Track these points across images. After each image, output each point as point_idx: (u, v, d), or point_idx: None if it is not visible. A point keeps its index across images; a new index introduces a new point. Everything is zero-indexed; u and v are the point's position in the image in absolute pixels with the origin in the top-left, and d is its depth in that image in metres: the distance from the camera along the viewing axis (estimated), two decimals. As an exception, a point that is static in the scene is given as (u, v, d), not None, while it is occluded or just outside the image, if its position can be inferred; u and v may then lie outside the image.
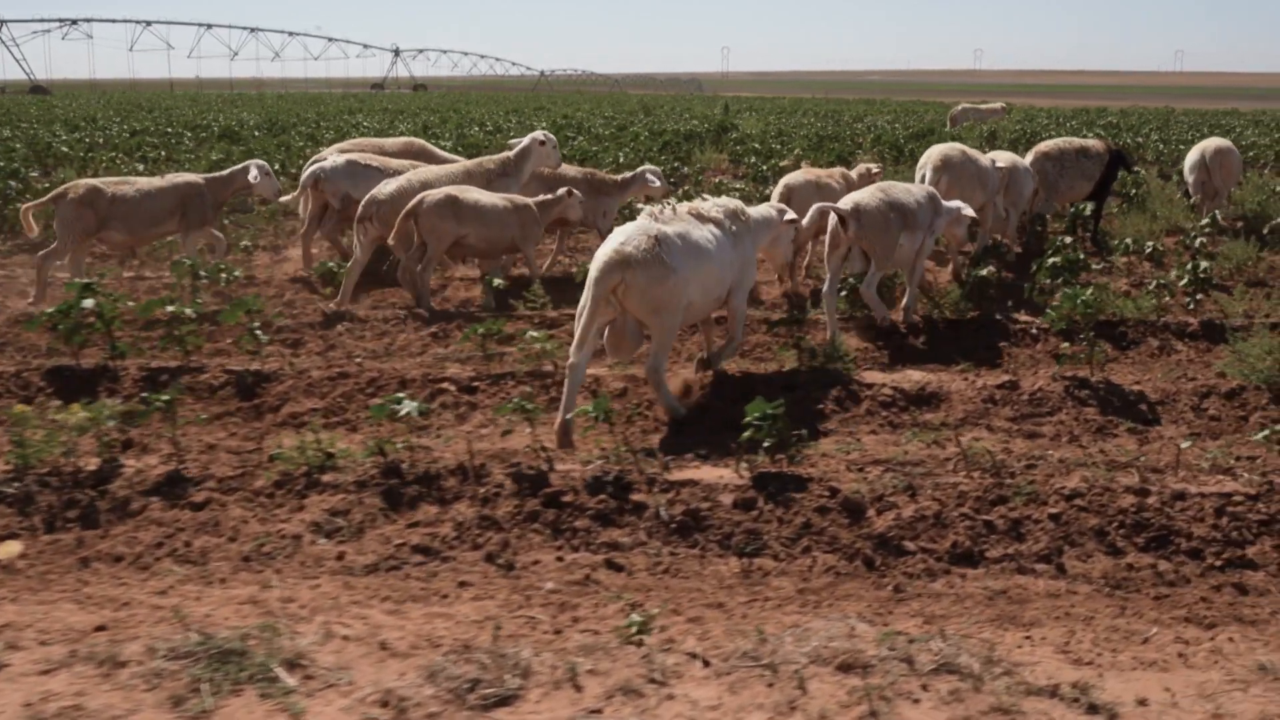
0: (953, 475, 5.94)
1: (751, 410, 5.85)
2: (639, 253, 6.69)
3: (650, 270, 6.69)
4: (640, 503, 5.60)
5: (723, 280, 7.31)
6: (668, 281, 6.72)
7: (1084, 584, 5.04)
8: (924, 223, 9.17)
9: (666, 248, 6.77)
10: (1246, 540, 5.30)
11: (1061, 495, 5.60)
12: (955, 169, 11.73)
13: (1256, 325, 8.31)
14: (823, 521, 5.46)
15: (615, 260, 6.71)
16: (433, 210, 9.98)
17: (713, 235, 7.22)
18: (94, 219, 10.21)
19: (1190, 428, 6.99)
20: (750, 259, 7.70)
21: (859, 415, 7.16)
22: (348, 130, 29.25)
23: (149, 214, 10.49)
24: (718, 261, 7.19)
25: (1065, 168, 13.60)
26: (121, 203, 10.31)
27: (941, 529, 5.39)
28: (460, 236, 9.99)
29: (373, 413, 6.08)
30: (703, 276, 7.04)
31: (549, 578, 5.08)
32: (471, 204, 10.02)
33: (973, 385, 7.47)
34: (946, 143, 13.16)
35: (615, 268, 6.70)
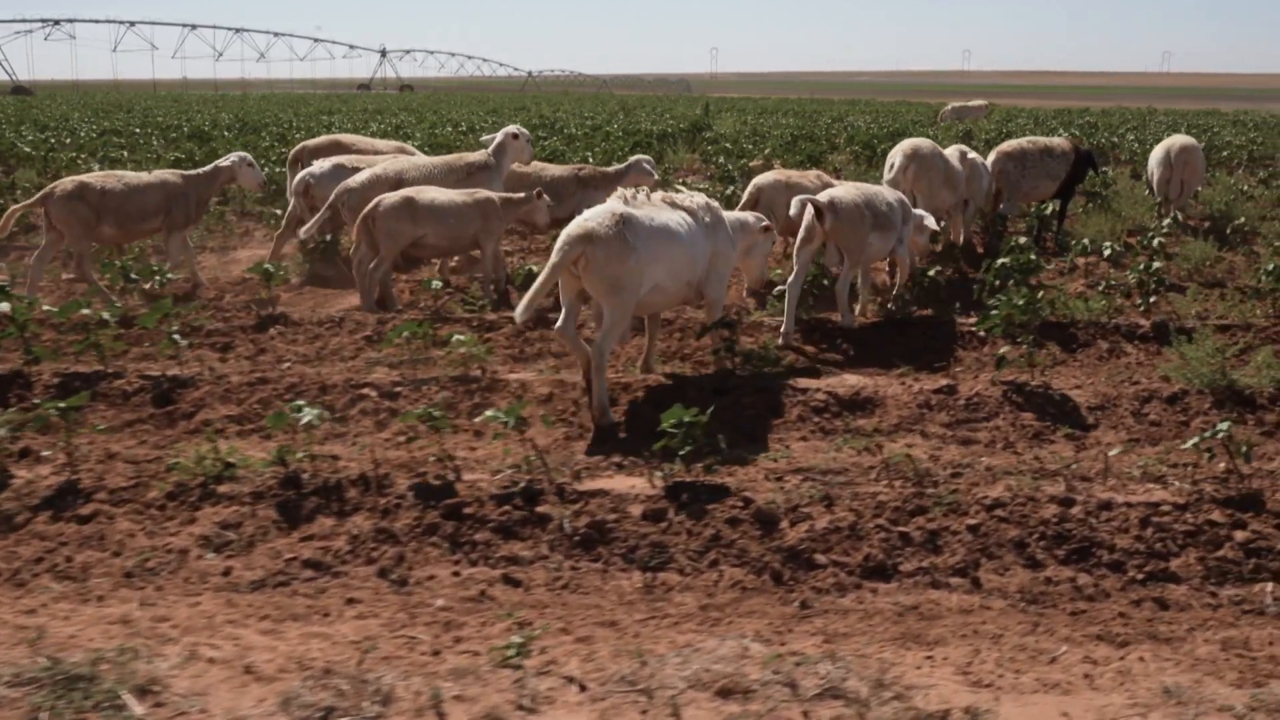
0: (874, 484, 5.73)
1: (667, 418, 5.64)
2: (602, 229, 6.73)
3: (611, 247, 6.71)
4: (545, 514, 5.38)
5: (694, 265, 7.31)
6: (628, 260, 6.74)
7: (999, 599, 4.83)
8: (895, 225, 9.18)
9: (631, 227, 6.81)
10: (1171, 552, 5.10)
11: (983, 505, 5.39)
12: (923, 160, 11.67)
13: (1199, 327, 8.11)
14: (733, 533, 5.24)
15: (579, 234, 6.75)
16: (389, 213, 9.80)
17: (684, 221, 7.27)
18: (90, 213, 10.13)
19: (1129, 433, 6.79)
20: (725, 252, 7.66)
21: (790, 421, 6.94)
22: (317, 130, 28.94)
23: (139, 208, 10.42)
24: (687, 246, 7.21)
25: (1027, 167, 13.43)
26: (111, 197, 10.24)
27: (856, 541, 5.18)
28: (419, 237, 9.83)
29: (270, 422, 5.84)
30: (670, 259, 7.07)
31: (442, 594, 4.86)
32: (428, 204, 9.83)
33: (909, 390, 7.26)
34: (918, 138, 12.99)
35: (578, 241, 6.73)
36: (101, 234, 10.40)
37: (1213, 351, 7.22)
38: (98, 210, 10.15)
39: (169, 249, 10.79)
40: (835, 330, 9.01)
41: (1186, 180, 14.31)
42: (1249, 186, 17.02)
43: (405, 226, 9.76)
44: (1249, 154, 23.52)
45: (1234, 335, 8.77)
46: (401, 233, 9.78)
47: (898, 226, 9.22)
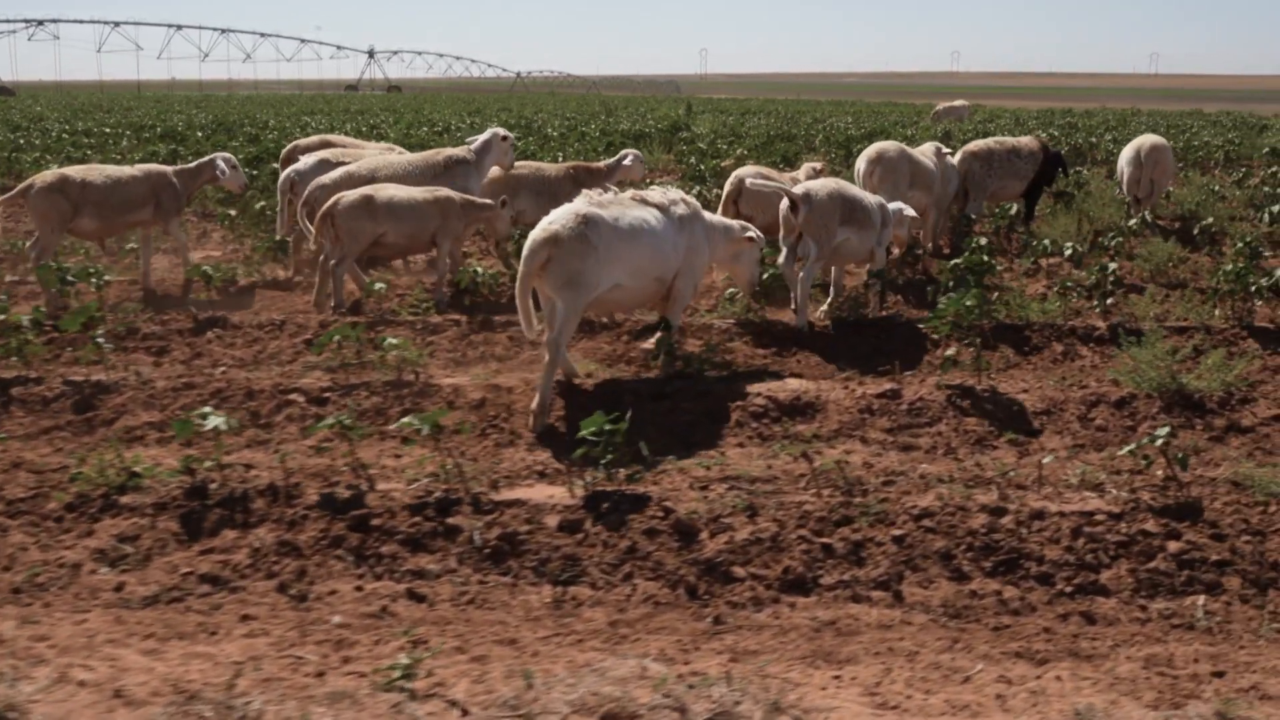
0: (802, 493, 5.54)
1: (587, 426, 5.44)
2: (565, 230, 6.79)
3: (572, 246, 6.77)
4: (456, 526, 5.18)
5: (662, 261, 7.31)
6: (588, 259, 6.80)
7: (920, 613, 4.65)
8: (874, 224, 9.15)
9: (593, 226, 6.85)
10: (1101, 564, 4.92)
11: (911, 515, 5.21)
12: (888, 163, 11.62)
13: (1155, 329, 7.93)
14: (650, 545, 5.05)
15: (543, 238, 6.81)
16: (348, 211, 9.64)
17: (653, 218, 7.27)
18: (68, 206, 9.96)
19: (1075, 439, 6.61)
20: (700, 247, 7.65)
21: (728, 427, 6.75)
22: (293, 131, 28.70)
23: (121, 202, 10.27)
24: (655, 242, 7.21)
25: (994, 167, 13.30)
26: (92, 190, 10.09)
27: (777, 553, 4.99)
28: (379, 235, 9.67)
29: (175, 430, 5.63)
30: (634, 258, 7.09)
31: (342, 610, 4.66)
32: (386, 201, 9.66)
33: (852, 394, 7.08)
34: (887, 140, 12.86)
35: (543, 245, 6.79)
36: (81, 227, 10.30)
37: (1162, 355, 7.04)
38: (77, 204, 10.00)
39: (172, 236, 10.80)
40: (787, 332, 8.82)
41: (1157, 179, 14.15)
42: (1221, 186, 16.86)
43: (365, 224, 9.60)
44: (1225, 154, 23.39)
45: (1191, 337, 8.60)
46: (363, 231, 9.62)
47: (876, 227, 9.17)
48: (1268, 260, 10.66)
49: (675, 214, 7.45)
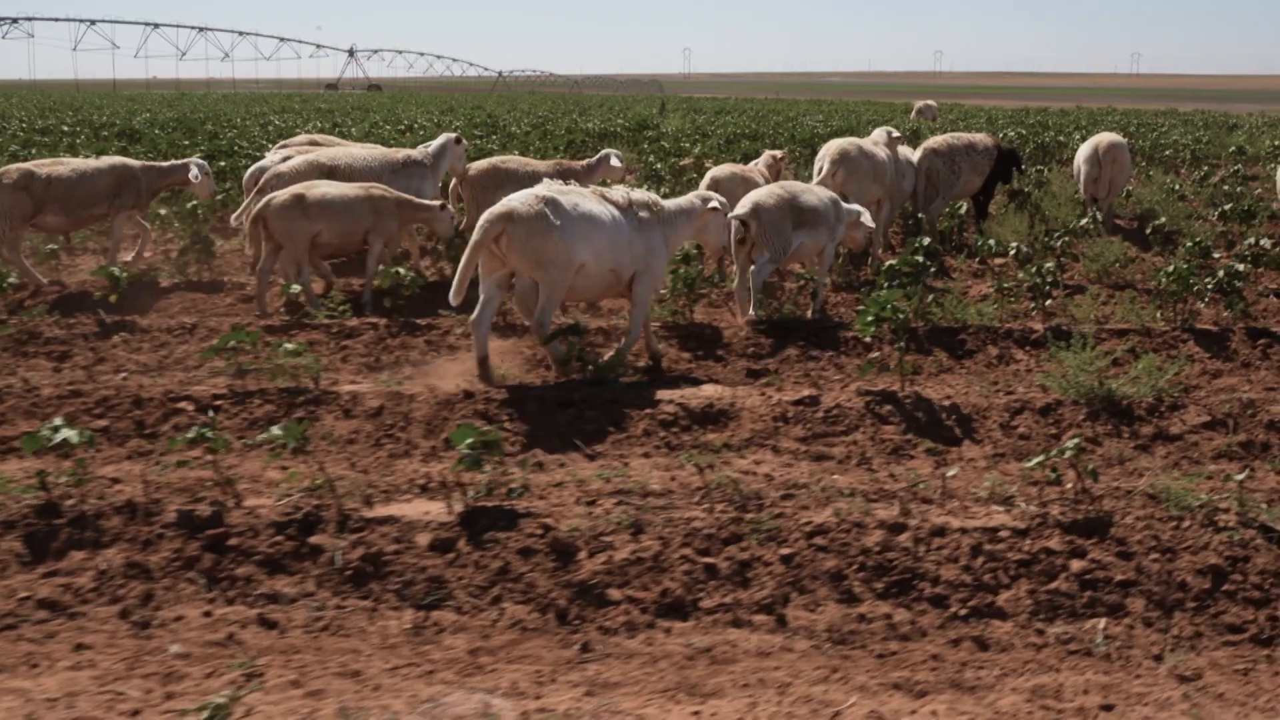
0: (693, 509, 5.24)
1: (459, 438, 5.12)
2: (523, 207, 6.96)
3: (532, 224, 6.91)
4: (319, 546, 4.86)
5: (619, 252, 7.40)
6: (551, 236, 6.92)
7: (803, 639, 4.35)
8: (827, 223, 9.11)
9: (553, 207, 7.01)
10: (1000, 584, 4.63)
11: (804, 532, 4.91)
12: (851, 162, 11.63)
13: (1095, 331, 7.67)
14: (524, 566, 4.74)
15: (500, 212, 6.99)
16: (281, 211, 9.37)
17: (611, 213, 7.41)
18: (30, 203, 9.84)
19: (996, 447, 6.34)
20: (658, 250, 7.69)
21: (635, 436, 6.45)
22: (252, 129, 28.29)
23: (86, 195, 10.24)
24: (612, 234, 7.33)
25: (956, 163, 13.17)
26: (58, 184, 10.04)
27: (658, 574, 4.69)
28: (314, 234, 9.41)
29: (24, 445, 5.29)
30: (595, 242, 7.20)
31: (185, 638, 4.34)
32: (319, 199, 9.41)
33: (768, 401, 6.78)
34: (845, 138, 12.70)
35: (499, 219, 6.96)
36: (45, 223, 10.24)
37: (1089, 360, 6.77)
38: (41, 199, 9.91)
39: (113, 231, 10.77)
40: (716, 335, 8.54)
41: (1114, 178, 13.95)
42: (1181, 185, 16.64)
43: (300, 224, 9.34)
44: (1192, 153, 23.21)
45: (1130, 340, 8.35)
46: (299, 230, 9.35)
47: (830, 225, 9.13)
48: (1217, 260, 10.41)
49: (636, 215, 7.56)
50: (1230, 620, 4.42)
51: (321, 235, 9.48)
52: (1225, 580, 4.61)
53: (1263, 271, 10.72)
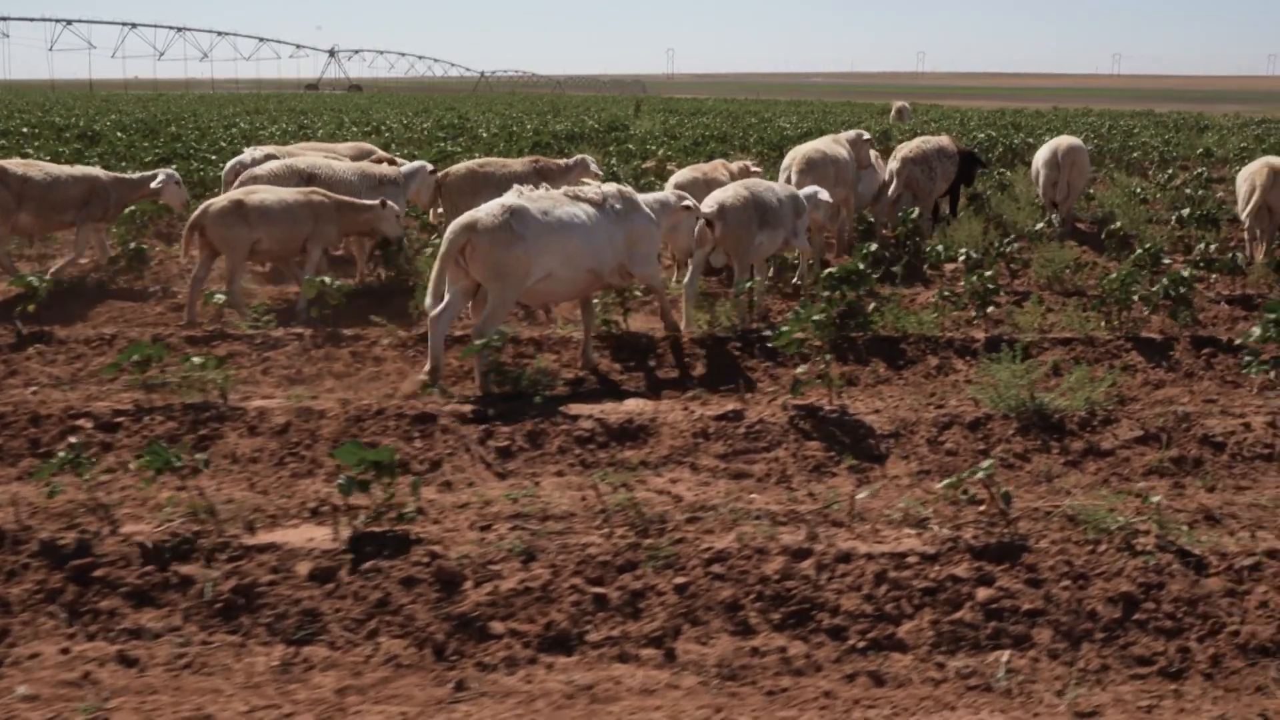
0: (592, 533, 5.01)
1: (345, 456, 4.88)
2: (488, 218, 7.05)
3: (495, 235, 6.99)
4: (190, 576, 4.61)
5: (595, 253, 7.47)
6: (514, 249, 6.99)
7: (692, 674, 4.13)
8: (785, 221, 9.22)
9: (519, 217, 7.08)
10: (903, 614, 4.42)
11: (702, 560, 4.69)
12: (817, 169, 11.65)
13: (1006, 345, 7.47)
14: (405, 597, 4.51)
15: (465, 223, 7.09)
16: (219, 218, 9.15)
17: (584, 212, 7.48)
18: (10, 199, 9.83)
19: (921, 464, 6.13)
20: (646, 232, 7.85)
21: (550, 454, 6.22)
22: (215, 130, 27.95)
23: (60, 200, 10.21)
24: (586, 235, 7.39)
25: (933, 168, 13.21)
26: (31, 185, 9.99)
27: (545, 604, 4.46)
28: (254, 241, 9.23)
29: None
30: (564, 249, 7.27)
31: (37, 677, 4.09)
32: (258, 205, 9.23)
33: (690, 416, 6.57)
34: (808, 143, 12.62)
35: (464, 230, 7.06)
36: (18, 222, 10.20)
37: (1021, 372, 6.57)
38: (18, 197, 9.92)
39: (78, 241, 10.73)
40: (650, 345, 8.32)
41: (1073, 181, 13.79)
42: (1144, 188, 16.50)
43: (240, 231, 9.15)
44: (1160, 155, 23.09)
45: (1072, 350, 8.17)
46: (239, 238, 9.16)
47: (788, 223, 9.27)
48: (1168, 266, 10.24)
49: (611, 208, 7.65)
50: (1139, 652, 4.22)
51: (262, 242, 9.31)
52: (1137, 609, 4.41)
53: (1215, 278, 10.58)
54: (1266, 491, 5.77)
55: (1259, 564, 4.65)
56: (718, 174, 11.52)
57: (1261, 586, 4.52)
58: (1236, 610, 4.40)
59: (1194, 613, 4.39)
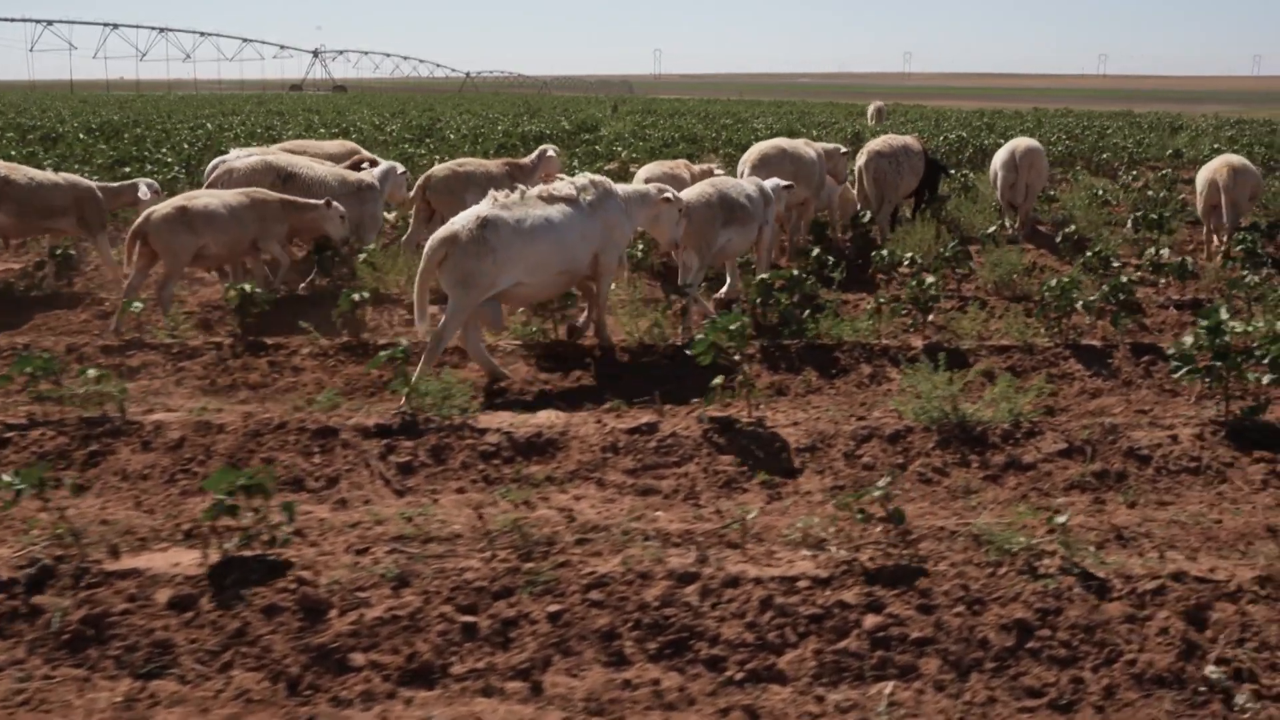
0: (472, 557, 4.79)
1: (213, 484, 4.65)
2: (464, 231, 7.15)
3: (468, 248, 7.12)
4: (41, 606, 4.38)
5: (567, 253, 7.58)
6: (484, 261, 7.11)
7: (557, 710, 3.91)
8: (756, 217, 9.35)
9: (493, 229, 7.17)
10: (787, 643, 4.21)
11: (582, 585, 4.47)
12: (772, 165, 11.61)
13: (921, 354, 7.29)
14: (265, 627, 4.28)
15: (443, 237, 7.20)
16: (163, 225, 8.99)
17: (559, 213, 7.55)
18: None
19: (836, 479, 5.93)
20: (619, 222, 7.92)
21: (452, 470, 6.00)
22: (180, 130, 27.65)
23: (43, 205, 10.15)
24: (558, 238, 7.49)
25: (900, 165, 13.24)
26: (14, 187, 9.91)
27: (412, 634, 4.24)
28: (199, 247, 9.08)
29: None
30: (535, 255, 7.36)
31: None
32: (203, 210, 9.09)
33: (602, 429, 6.35)
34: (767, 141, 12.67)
35: (442, 244, 7.19)
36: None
37: (942, 383, 6.37)
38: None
39: (99, 252, 10.71)
40: (577, 354, 8.11)
41: (1031, 184, 13.65)
42: (1104, 190, 16.34)
43: (184, 238, 8.99)
44: (1129, 156, 22.95)
45: (1010, 358, 7.99)
46: (183, 246, 9.01)
47: (758, 217, 9.40)
48: (1117, 270, 10.06)
49: (585, 201, 7.73)
50: (1030, 683, 4.01)
51: (208, 248, 9.18)
52: (1031, 636, 4.21)
53: (1165, 282, 10.42)
54: (1189, 507, 5.58)
55: (1162, 588, 4.46)
56: (679, 172, 11.58)
57: (1163, 612, 4.32)
58: (1135, 637, 4.20)
59: (1090, 640, 4.19)
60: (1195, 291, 10.17)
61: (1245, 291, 8.66)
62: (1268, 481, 5.89)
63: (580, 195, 7.74)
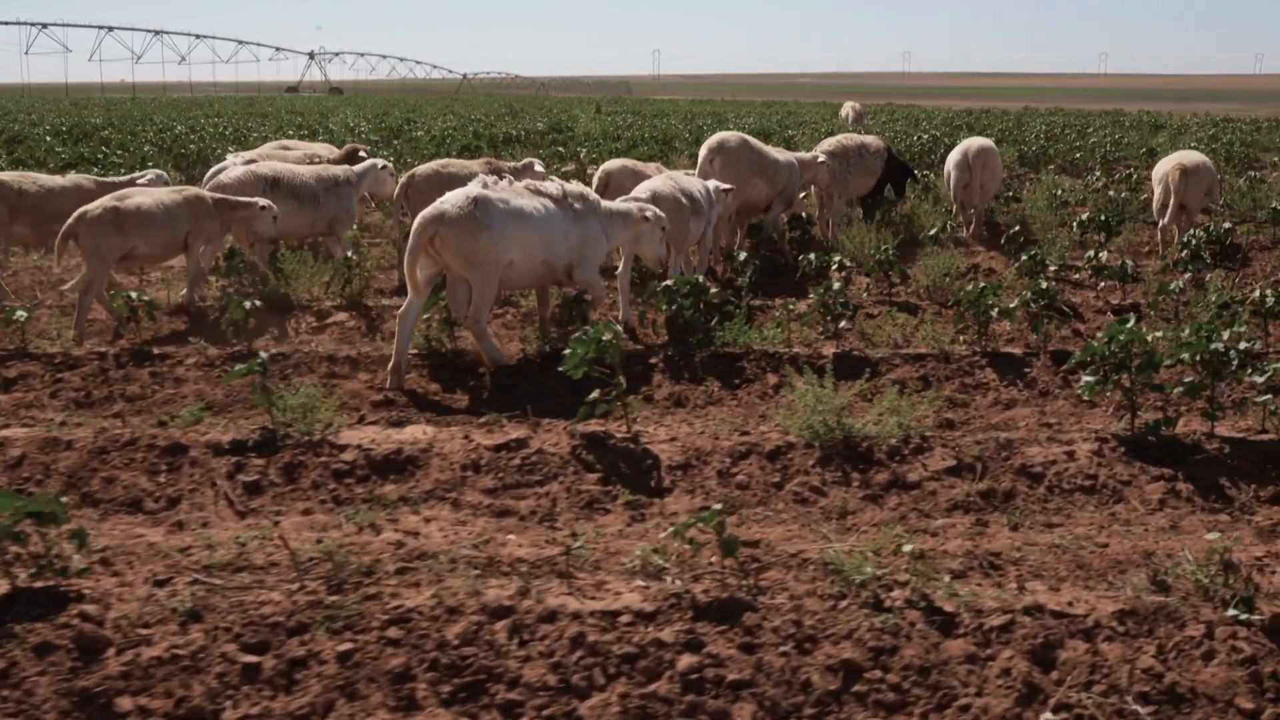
0: (281, 587, 4.45)
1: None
2: (453, 209, 7.22)
3: (461, 226, 7.17)
4: None
5: (551, 246, 7.65)
6: (480, 237, 7.18)
7: (329, 762, 3.58)
8: (705, 210, 9.74)
9: (483, 207, 7.25)
10: (593, 686, 3.87)
11: (383, 620, 4.14)
12: (729, 153, 11.56)
13: (801, 364, 6.96)
14: (34, 667, 3.95)
15: (432, 215, 7.27)
16: (94, 226, 8.78)
17: (543, 206, 7.65)
18: (5, 211, 9.80)
19: (707, 498, 5.59)
20: (594, 239, 7.95)
21: (301, 490, 5.68)
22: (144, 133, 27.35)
23: (56, 211, 9.92)
24: (544, 228, 7.59)
25: (850, 164, 13.11)
26: (27, 198, 9.93)
27: (189, 675, 3.91)
28: (130, 249, 8.91)
29: None
30: (524, 239, 7.46)
31: None
32: (134, 210, 8.94)
33: (469, 445, 6.02)
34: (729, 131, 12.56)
35: (431, 222, 7.25)
36: (13, 234, 10.14)
37: (824, 396, 6.03)
38: (14, 208, 9.83)
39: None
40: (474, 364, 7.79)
41: (985, 184, 13.34)
42: (1064, 190, 15.99)
43: (113, 240, 8.81)
44: (1102, 155, 22.57)
45: (924, 367, 7.66)
46: (111, 248, 8.80)
47: (707, 211, 9.75)
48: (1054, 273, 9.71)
49: (570, 206, 7.83)
50: (849, 731, 3.68)
51: (139, 248, 9.02)
52: (859, 679, 3.87)
53: (1108, 286, 10.08)
54: (1076, 529, 5.25)
55: (1011, 623, 4.11)
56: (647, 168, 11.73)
57: (1007, 651, 3.98)
58: (974, 679, 3.86)
59: (924, 682, 3.85)
60: (1138, 295, 9.82)
61: (1173, 297, 8.31)
62: (1165, 501, 5.56)
63: (567, 198, 7.83)
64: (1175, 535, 5.18)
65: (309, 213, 10.52)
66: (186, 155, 21.02)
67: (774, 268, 11.04)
